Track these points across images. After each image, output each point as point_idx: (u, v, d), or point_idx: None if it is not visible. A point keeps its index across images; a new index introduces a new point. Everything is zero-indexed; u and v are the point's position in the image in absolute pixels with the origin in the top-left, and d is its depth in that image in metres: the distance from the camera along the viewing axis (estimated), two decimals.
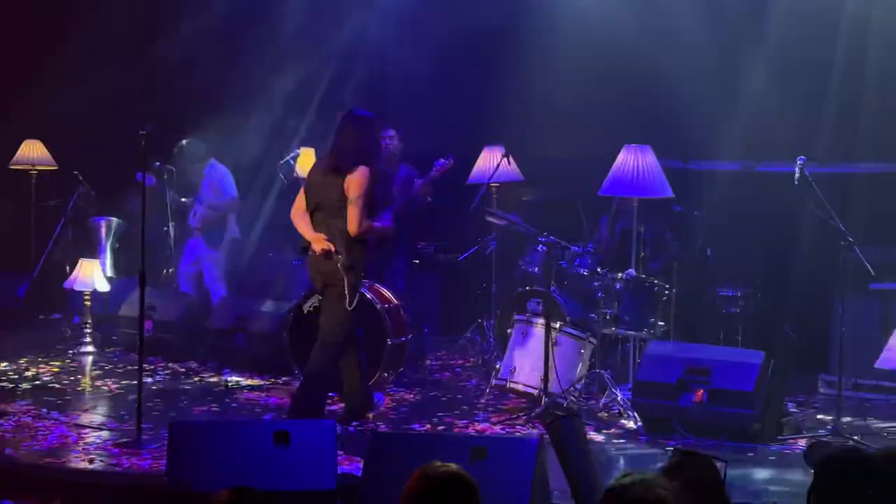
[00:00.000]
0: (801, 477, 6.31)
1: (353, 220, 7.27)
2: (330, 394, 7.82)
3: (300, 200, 7.55)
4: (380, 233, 7.56)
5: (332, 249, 7.28)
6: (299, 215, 7.50)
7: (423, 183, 8.97)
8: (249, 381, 8.86)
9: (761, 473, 6.66)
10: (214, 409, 7.99)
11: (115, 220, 11.15)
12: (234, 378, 8.95)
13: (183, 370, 9.26)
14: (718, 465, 3.61)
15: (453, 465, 3.19)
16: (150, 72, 11.25)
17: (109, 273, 10.74)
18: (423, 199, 9.07)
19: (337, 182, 7.31)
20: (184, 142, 10.05)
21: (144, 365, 7.20)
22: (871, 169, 9.40)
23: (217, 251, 10.14)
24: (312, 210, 7.43)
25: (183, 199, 10.21)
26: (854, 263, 7.71)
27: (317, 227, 7.40)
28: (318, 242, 7.33)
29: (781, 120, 9.52)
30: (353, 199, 7.27)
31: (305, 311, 8.43)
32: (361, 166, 7.28)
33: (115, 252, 11.05)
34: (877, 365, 7.27)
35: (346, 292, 7.28)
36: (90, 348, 9.85)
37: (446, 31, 10.43)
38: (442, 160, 8.81)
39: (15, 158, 11.41)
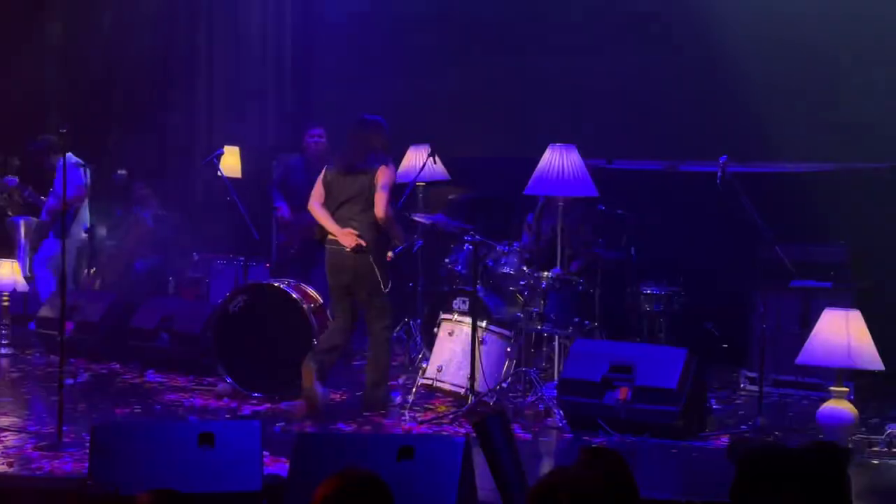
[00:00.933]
0: (724, 473, 6.38)
1: (380, 205, 7.65)
2: (255, 394, 7.78)
3: (318, 193, 7.85)
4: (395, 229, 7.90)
5: (364, 244, 7.63)
6: (320, 208, 7.83)
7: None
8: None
9: (685, 469, 6.74)
10: (137, 410, 7.89)
11: (33, 219, 10.98)
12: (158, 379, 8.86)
13: (105, 371, 9.14)
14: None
15: (367, 471, 3.17)
16: (66, 70, 11.09)
17: (28, 273, 10.57)
18: None
19: (360, 179, 7.70)
20: (40, 137, 9.99)
21: (65, 366, 7.09)
22: (792, 168, 9.55)
23: (58, 242, 9.90)
24: (336, 208, 7.76)
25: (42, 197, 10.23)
26: (775, 261, 7.83)
27: (344, 222, 7.72)
28: (348, 237, 7.67)
29: (703, 119, 9.65)
30: (380, 187, 7.65)
31: (231, 312, 8.37)
32: (386, 163, 7.73)
33: (34, 252, 10.88)
34: (798, 361, 7.38)
35: (381, 279, 7.69)
36: (8, 350, 9.69)
37: (370, 28, 10.43)
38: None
39: None
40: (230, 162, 9.60)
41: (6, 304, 9.81)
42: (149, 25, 11.23)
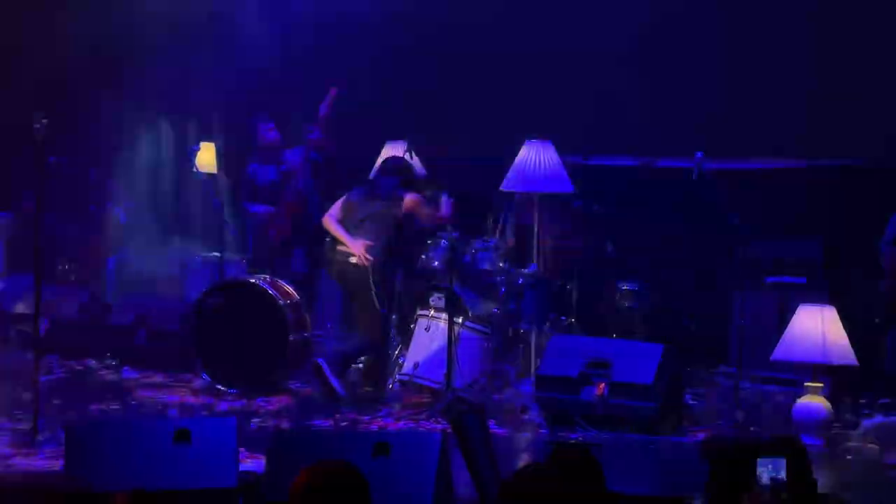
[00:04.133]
0: (700, 469, 6.40)
1: (435, 214, 8.29)
2: (231, 389, 7.79)
3: (337, 211, 8.25)
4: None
5: (367, 261, 7.99)
6: (335, 223, 8.20)
7: (317, 132, 9.29)
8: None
9: (661, 465, 6.75)
10: (114, 407, 7.86)
11: (6, 214, 10.91)
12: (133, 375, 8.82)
13: (81, 368, 9.09)
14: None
15: (344, 463, 3.18)
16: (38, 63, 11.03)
17: (2, 269, 10.50)
18: (323, 151, 9.39)
19: (382, 203, 8.19)
20: None
21: (40, 363, 7.05)
22: (767, 165, 9.58)
23: None
24: (354, 227, 8.15)
25: None
26: (751, 258, 7.86)
27: (359, 234, 8.09)
28: (359, 246, 8.04)
29: (679, 115, 9.67)
30: (420, 209, 8.25)
31: (207, 308, 8.35)
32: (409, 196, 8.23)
33: (7, 247, 10.81)
34: (773, 357, 7.42)
35: (376, 299, 7.99)
36: None
37: (346, 25, 10.41)
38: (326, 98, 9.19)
39: None
40: (206, 158, 9.56)
41: None
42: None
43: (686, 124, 9.58)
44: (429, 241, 8.96)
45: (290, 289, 8.49)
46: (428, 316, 8.14)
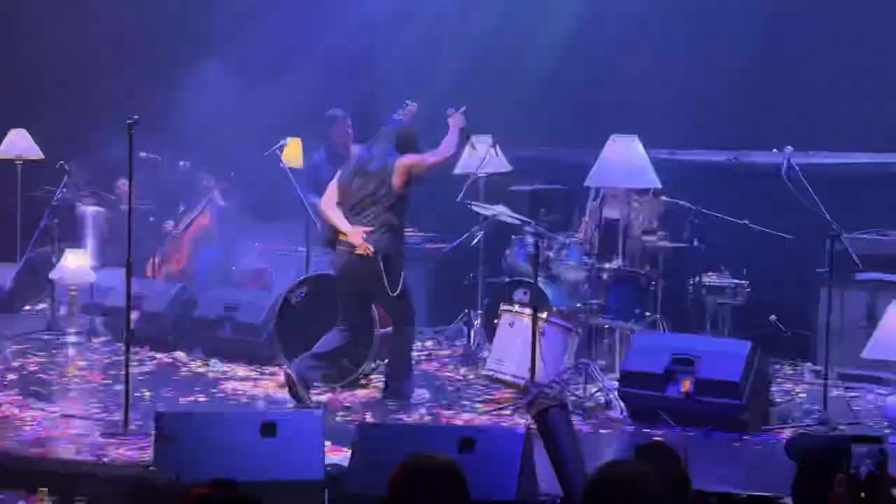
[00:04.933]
0: (787, 467, 6.32)
1: (434, 158, 7.72)
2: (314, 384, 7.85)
3: (332, 194, 7.84)
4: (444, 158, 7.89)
5: (371, 252, 7.59)
6: (332, 207, 7.81)
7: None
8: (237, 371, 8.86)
9: (747, 463, 6.69)
10: (201, 399, 7.98)
11: (101, 209, 11.13)
12: (221, 367, 8.94)
13: (170, 360, 9.25)
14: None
15: (443, 456, 3.19)
16: (133, 60, 11.23)
17: (95, 263, 10.71)
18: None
19: (375, 178, 7.69)
20: None
21: (131, 355, 7.19)
22: (859, 159, 9.42)
23: None
24: (350, 209, 7.74)
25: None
26: (840, 253, 7.73)
27: (358, 220, 7.69)
28: (357, 235, 7.63)
29: (768, 110, 9.55)
30: (420, 164, 7.69)
31: (293, 302, 8.43)
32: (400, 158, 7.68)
33: (101, 242, 11.03)
34: (864, 355, 7.29)
35: (389, 283, 7.61)
36: (76, 339, 9.83)
37: (431, 19, 10.45)
38: (398, 109, 8.90)
39: (1, 148, 11.37)
40: (292, 152, 9.64)
41: (74, 293, 9.96)
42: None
43: (775, 118, 9.46)
44: (513, 237, 8.96)
45: None
46: (512, 311, 8.14)
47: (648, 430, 7.21)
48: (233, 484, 3.29)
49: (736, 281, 8.94)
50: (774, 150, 8.08)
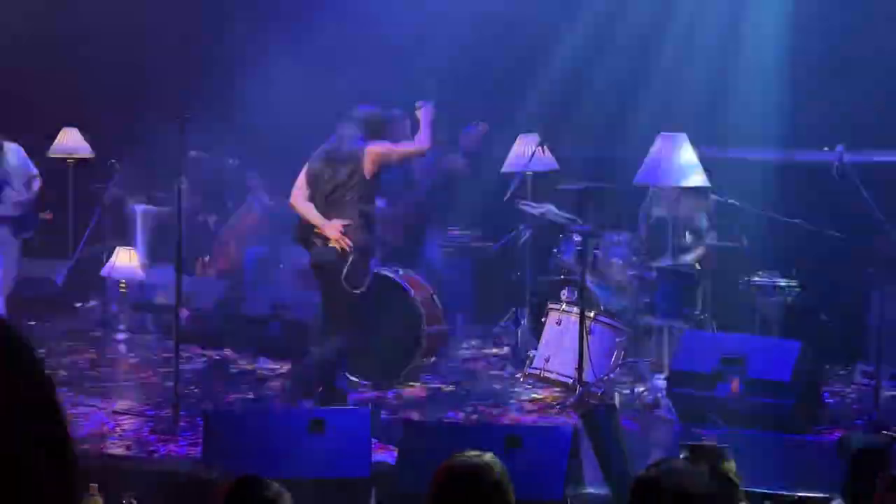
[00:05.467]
0: (837, 468, 6.26)
1: (411, 147, 7.47)
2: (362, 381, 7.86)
3: (302, 187, 7.43)
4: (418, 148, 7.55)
5: (348, 245, 7.17)
6: (303, 201, 7.37)
7: (455, 157, 9.00)
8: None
9: (796, 463, 6.62)
10: (250, 396, 8.03)
11: (151, 207, 11.22)
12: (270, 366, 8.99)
13: (218, 357, 9.31)
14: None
15: (485, 456, 3.19)
16: (184, 58, 11.31)
17: (145, 260, 10.81)
18: (459, 172, 9.08)
19: (346, 164, 7.30)
20: None
21: (180, 352, 7.24)
22: None
23: None
24: (326, 196, 7.32)
25: None
26: (893, 253, 7.64)
27: (331, 212, 7.28)
28: (333, 228, 7.21)
29: (820, 108, 9.45)
30: (392, 153, 7.39)
31: (356, 290, 8.45)
32: (369, 145, 7.29)
33: (151, 239, 11.12)
34: None
35: (345, 277, 7.16)
36: (126, 335, 9.92)
37: (479, 16, 10.43)
38: (471, 126, 8.79)
39: (53, 147, 11.50)
40: None
41: (124, 290, 10.05)
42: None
43: (826, 116, 9.36)
44: (561, 236, 8.94)
45: (423, 282, 8.55)
46: (559, 310, 8.12)
47: (697, 430, 7.16)
48: (259, 481, 3.30)
49: (786, 280, 8.86)
50: (826, 148, 8.00)
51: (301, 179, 7.46)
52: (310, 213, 7.32)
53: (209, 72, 11.34)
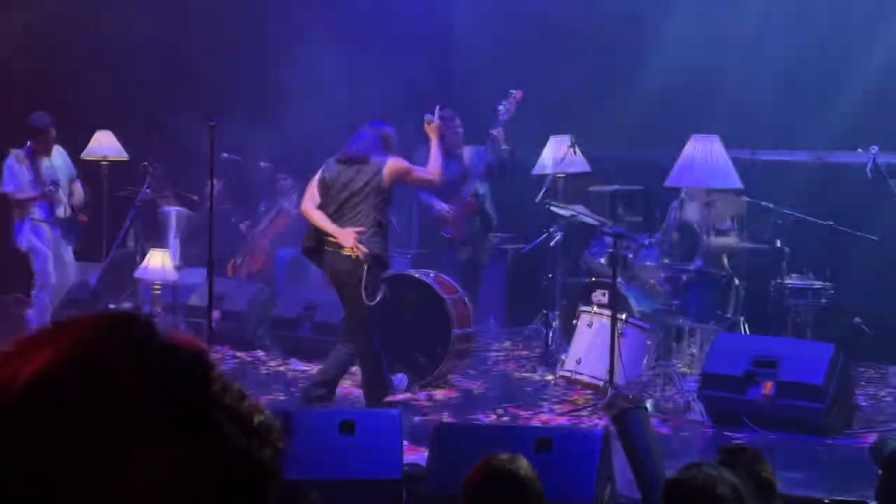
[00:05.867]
0: (871, 472, 6.22)
1: (426, 175, 7.49)
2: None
3: (313, 195, 7.43)
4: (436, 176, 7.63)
5: (361, 252, 7.13)
6: (314, 209, 7.37)
7: (497, 130, 8.89)
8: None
9: (830, 467, 6.58)
10: (281, 397, 8.05)
11: (184, 209, 11.28)
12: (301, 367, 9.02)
13: (250, 359, 9.34)
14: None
15: (518, 460, 3.18)
16: (217, 62, 11.36)
17: (178, 262, 10.85)
18: (501, 150, 8.97)
19: (364, 173, 7.28)
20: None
21: (212, 353, 7.27)
22: None
23: None
24: (337, 207, 7.32)
25: None
26: None
27: (346, 220, 7.28)
28: (348, 236, 7.20)
29: (853, 109, 9.39)
30: (410, 174, 7.42)
31: (373, 302, 8.46)
32: (391, 159, 7.34)
33: (184, 241, 11.17)
34: None
35: (364, 288, 7.17)
36: None
37: (513, 18, 10.42)
38: (504, 102, 8.70)
39: (87, 149, 11.57)
40: None
41: (157, 292, 10.10)
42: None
43: (859, 117, 9.30)
44: (592, 238, 8.92)
45: (453, 284, 8.55)
46: (591, 312, 8.10)
47: (729, 433, 7.13)
48: (289, 484, 3.30)
49: (819, 282, 8.81)
50: (859, 150, 7.95)
51: (312, 187, 7.44)
52: (323, 221, 7.29)
53: (242, 75, 11.39)
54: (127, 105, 11.29)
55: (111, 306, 11.11)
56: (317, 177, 7.49)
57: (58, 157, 9.27)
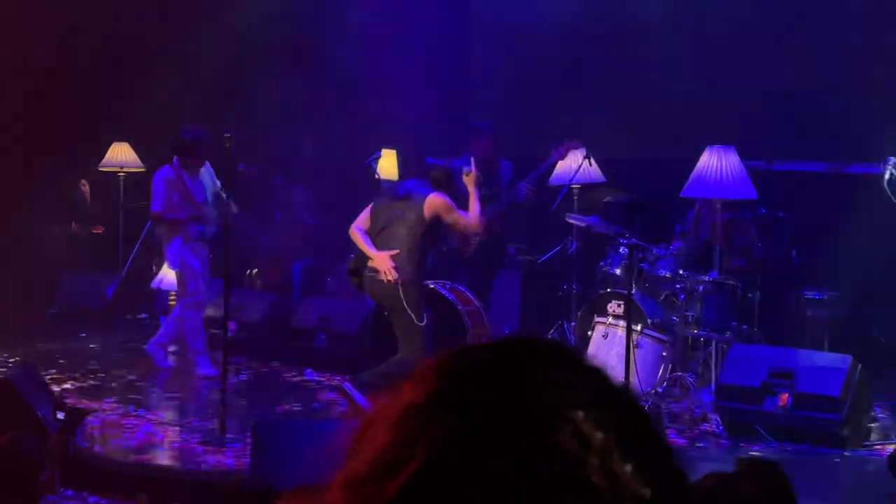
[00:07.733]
0: (889, 484, 6.19)
1: (465, 219, 7.52)
2: None
3: (364, 219, 7.68)
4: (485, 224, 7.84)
5: (395, 279, 7.34)
6: (359, 232, 7.62)
7: (529, 186, 8.99)
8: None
9: (847, 480, 6.55)
10: (297, 408, 8.06)
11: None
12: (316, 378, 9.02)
13: (266, 370, 9.35)
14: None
15: None
16: (233, 75, 11.39)
17: None
18: (530, 199, 9.07)
19: (405, 203, 7.51)
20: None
21: (228, 364, 7.29)
22: None
23: None
24: (378, 233, 7.54)
25: None
26: None
27: (384, 240, 7.49)
28: (384, 261, 7.39)
29: (870, 120, 9.37)
30: (450, 212, 7.48)
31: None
32: (432, 193, 7.49)
33: None
34: None
35: (410, 311, 7.36)
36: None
37: (526, 30, 10.43)
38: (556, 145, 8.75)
39: (104, 161, 11.62)
40: (387, 164, 9.70)
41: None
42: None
43: (876, 127, 9.27)
44: (607, 248, 8.90)
45: (469, 295, 8.54)
46: (606, 323, 8.08)
47: (745, 445, 7.11)
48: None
49: (836, 294, 8.78)
50: (875, 160, 7.92)
51: (364, 214, 7.72)
52: (363, 243, 7.56)
53: (254, 89, 11.42)
54: (143, 116, 11.33)
55: (127, 317, 11.16)
56: (372, 203, 7.77)
57: (204, 173, 9.09)
